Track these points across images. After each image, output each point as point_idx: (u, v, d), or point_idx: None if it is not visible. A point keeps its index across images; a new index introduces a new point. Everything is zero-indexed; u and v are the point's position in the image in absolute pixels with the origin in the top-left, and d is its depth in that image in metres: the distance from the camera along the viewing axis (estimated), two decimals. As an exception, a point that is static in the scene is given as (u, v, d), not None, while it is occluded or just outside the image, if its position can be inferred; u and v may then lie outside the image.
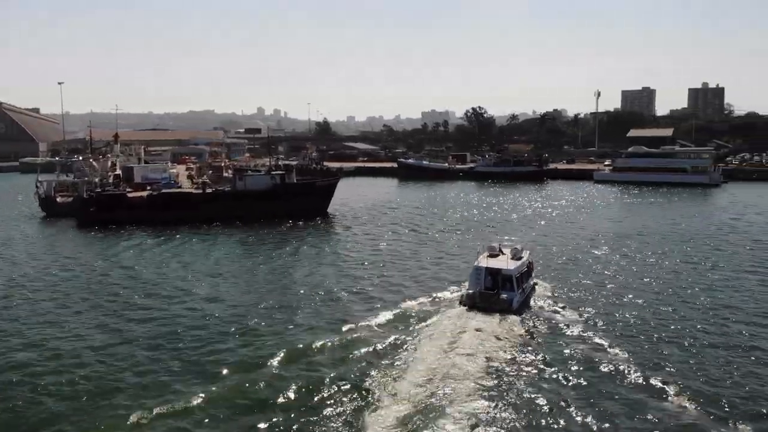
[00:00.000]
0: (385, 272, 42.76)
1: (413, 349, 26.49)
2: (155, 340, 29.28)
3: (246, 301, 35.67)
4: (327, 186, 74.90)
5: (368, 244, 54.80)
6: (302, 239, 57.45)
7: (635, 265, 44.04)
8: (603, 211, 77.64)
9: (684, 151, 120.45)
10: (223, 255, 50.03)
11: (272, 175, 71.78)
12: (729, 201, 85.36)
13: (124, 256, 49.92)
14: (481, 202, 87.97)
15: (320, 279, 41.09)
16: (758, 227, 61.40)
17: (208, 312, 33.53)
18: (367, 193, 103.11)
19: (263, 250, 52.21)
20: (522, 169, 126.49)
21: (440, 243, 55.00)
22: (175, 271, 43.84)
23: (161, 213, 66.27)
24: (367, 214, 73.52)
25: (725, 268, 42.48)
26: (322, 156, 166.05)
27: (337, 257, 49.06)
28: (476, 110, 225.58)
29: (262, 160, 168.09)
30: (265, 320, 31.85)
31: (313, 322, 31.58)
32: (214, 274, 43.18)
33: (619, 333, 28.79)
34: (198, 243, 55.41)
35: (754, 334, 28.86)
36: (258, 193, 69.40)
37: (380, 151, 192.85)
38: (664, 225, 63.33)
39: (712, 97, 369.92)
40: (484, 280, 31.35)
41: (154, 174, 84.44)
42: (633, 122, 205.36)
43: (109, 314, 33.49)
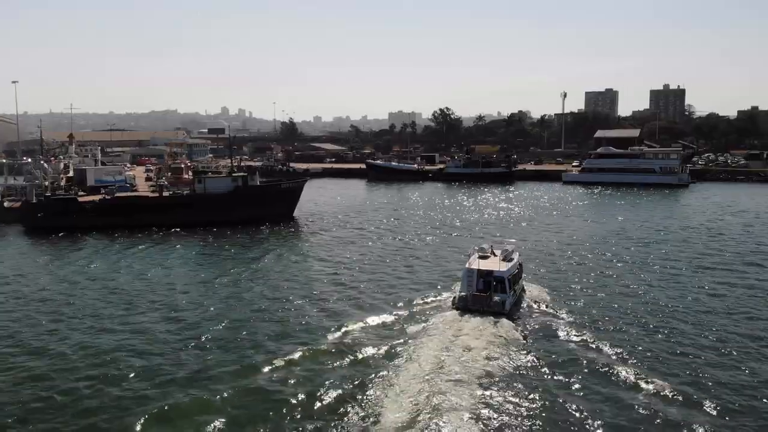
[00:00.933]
0: (362, 278, 40.59)
1: (408, 356, 25.62)
2: (100, 367, 25.84)
3: (207, 318, 32.55)
4: (293, 188, 71.46)
5: (339, 249, 51.92)
6: (267, 246, 54.07)
7: (617, 265, 43.76)
8: (577, 212, 76.45)
9: (652, 151, 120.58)
10: (180, 265, 46.33)
11: (234, 177, 68.05)
12: (702, 201, 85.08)
13: (70, 266, 45.93)
14: (453, 204, 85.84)
15: (291, 289, 38.37)
16: (739, 228, 60.65)
17: (163, 331, 30.41)
18: (336, 195, 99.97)
19: (225, 259, 48.71)
20: (491, 170, 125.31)
21: (416, 247, 52.71)
22: (127, 285, 40.12)
23: (114, 218, 62.07)
24: (336, 218, 70.45)
25: (707, 267, 42.98)
26: (288, 157, 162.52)
27: (306, 265, 46.09)
28: (443, 111, 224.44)
29: (225, 161, 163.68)
30: (232, 339, 29.15)
31: (296, 334, 29.60)
32: (169, 286, 39.68)
33: (609, 332, 28.83)
34: (153, 251, 51.57)
35: (742, 332, 29.28)
36: (219, 197, 65.67)
37: (348, 152, 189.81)
38: (641, 226, 62.42)
39: (674, 98, 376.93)
40: (476, 282, 30.94)
41: (109, 176, 79.85)
42: (598, 123, 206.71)
43: (45, 338, 29.74)
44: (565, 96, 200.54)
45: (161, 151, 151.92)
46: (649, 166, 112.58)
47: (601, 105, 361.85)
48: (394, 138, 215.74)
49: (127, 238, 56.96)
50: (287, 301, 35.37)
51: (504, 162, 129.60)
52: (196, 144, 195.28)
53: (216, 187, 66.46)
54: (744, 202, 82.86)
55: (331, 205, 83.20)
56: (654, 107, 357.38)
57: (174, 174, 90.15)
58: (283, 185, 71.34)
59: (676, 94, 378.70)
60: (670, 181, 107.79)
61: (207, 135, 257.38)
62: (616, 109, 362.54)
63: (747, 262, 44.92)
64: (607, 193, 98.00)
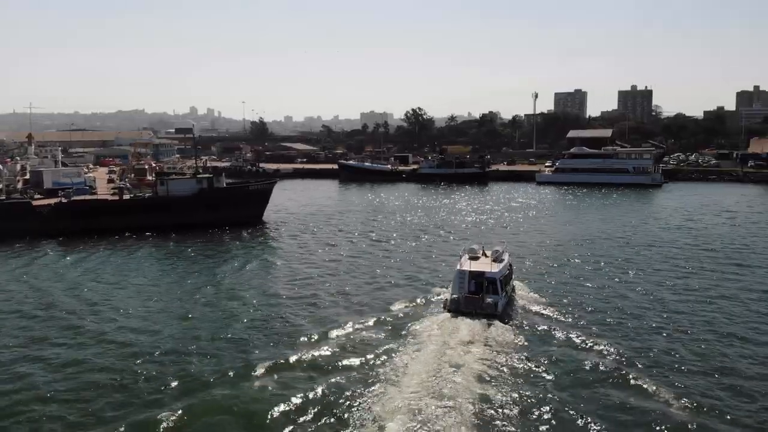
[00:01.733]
0: (343, 284, 38.58)
1: (403, 362, 24.80)
2: (61, 392, 23.00)
3: (175, 334, 29.60)
4: (262, 190, 68.24)
5: (314, 254, 49.24)
6: (235, 251, 51.05)
7: (602, 266, 43.15)
8: (556, 213, 75.14)
9: (626, 151, 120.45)
10: (140, 274, 43.01)
11: (199, 178, 64.72)
12: (678, 202, 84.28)
13: (21, 275, 42.23)
14: (429, 206, 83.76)
15: (265, 297, 35.95)
16: (725, 228, 59.82)
17: (126, 349, 27.50)
18: (307, 196, 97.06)
19: (189, 267, 45.49)
20: (465, 170, 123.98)
21: (396, 250, 50.59)
22: (81, 297, 36.79)
23: (71, 223, 58.28)
24: (309, 220, 67.57)
25: (693, 268, 42.76)
26: (258, 157, 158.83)
27: (279, 271, 43.34)
28: (416, 111, 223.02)
29: (192, 162, 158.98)
30: (205, 352, 26.72)
31: (276, 345, 27.70)
32: (126, 298, 36.44)
33: (602, 332, 28.67)
34: (112, 259, 48.11)
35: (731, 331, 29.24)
36: (182, 199, 62.28)
37: (320, 152, 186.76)
38: (623, 227, 61.29)
39: (641, 99, 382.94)
40: (467, 283, 30.43)
41: (67, 179, 75.64)
42: (568, 124, 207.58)
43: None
44: (537, 96, 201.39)
45: (126, 152, 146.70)
46: (622, 166, 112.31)
47: (570, 106, 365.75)
48: (366, 138, 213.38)
49: (83, 244, 53.30)
50: (262, 311, 32.93)
51: (478, 162, 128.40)
52: (163, 144, 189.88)
53: (179, 189, 63.04)
54: (721, 202, 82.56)
55: (303, 207, 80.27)
56: (622, 108, 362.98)
57: (137, 175, 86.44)
58: (251, 187, 68.04)
59: (644, 95, 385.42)
60: (644, 181, 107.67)
61: (174, 135, 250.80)
62: (585, 109, 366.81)
63: (736, 262, 44.11)
64: (581, 194, 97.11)
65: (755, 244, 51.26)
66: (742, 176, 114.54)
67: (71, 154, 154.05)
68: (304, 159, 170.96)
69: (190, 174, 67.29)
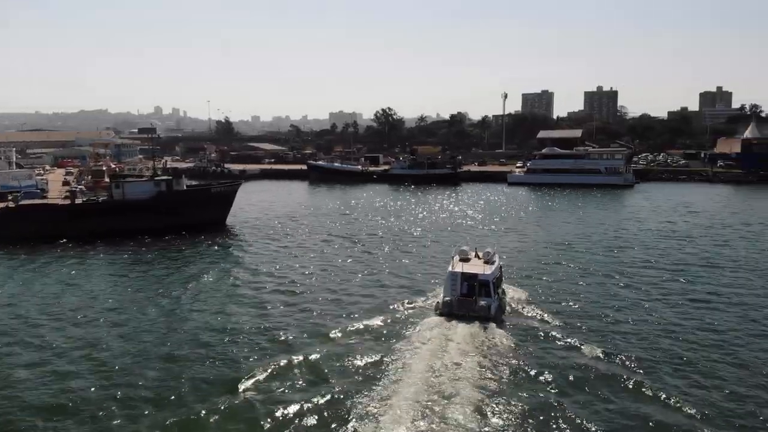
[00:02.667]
0: (319, 292, 36.65)
1: (397, 369, 23.82)
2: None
3: (134, 353, 26.70)
4: (224, 193, 64.36)
5: (285, 260, 46.08)
6: (196, 260, 47.44)
7: (586, 268, 42.47)
8: (532, 215, 73.42)
9: (597, 151, 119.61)
10: (92, 285, 39.17)
11: (157, 180, 60.70)
12: (653, 202, 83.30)
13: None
14: (403, 208, 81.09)
15: (233, 310, 33.21)
16: (702, 230, 58.36)
17: (76, 372, 24.62)
18: (275, 198, 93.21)
19: (145, 276, 41.84)
20: (437, 171, 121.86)
21: (373, 254, 48.25)
22: (28, 309, 33.28)
23: (19, 229, 53.96)
24: (277, 224, 64.04)
25: (678, 268, 42.56)
26: (223, 157, 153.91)
27: (246, 280, 40.12)
28: (386, 111, 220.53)
29: (157, 163, 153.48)
30: (171, 376, 24.13)
31: (254, 359, 25.89)
32: (79, 312, 32.97)
33: (592, 333, 28.60)
34: (62, 268, 44.18)
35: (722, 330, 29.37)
36: (139, 203, 58.31)
37: (288, 152, 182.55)
38: (601, 229, 59.90)
39: (607, 100, 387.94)
40: (459, 286, 29.85)
41: (15, 182, 70.73)
42: (536, 124, 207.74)
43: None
44: (506, 97, 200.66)
45: (86, 152, 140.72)
46: (594, 166, 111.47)
47: (537, 106, 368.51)
48: (335, 138, 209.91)
49: (29, 251, 49.21)
50: (231, 325, 30.24)
51: (449, 163, 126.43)
52: (125, 144, 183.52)
53: (136, 192, 58.98)
54: (696, 203, 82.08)
55: (271, 210, 76.58)
56: (588, 108, 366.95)
57: (94, 177, 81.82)
58: (214, 189, 64.12)
59: (609, 96, 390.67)
60: (616, 182, 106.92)
61: (137, 135, 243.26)
62: (552, 110, 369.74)
63: (717, 264, 43.34)
64: (555, 195, 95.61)
65: (738, 246, 50.40)
66: (712, 176, 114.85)
67: (29, 155, 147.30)
68: (271, 159, 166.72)
69: (148, 176, 63.09)
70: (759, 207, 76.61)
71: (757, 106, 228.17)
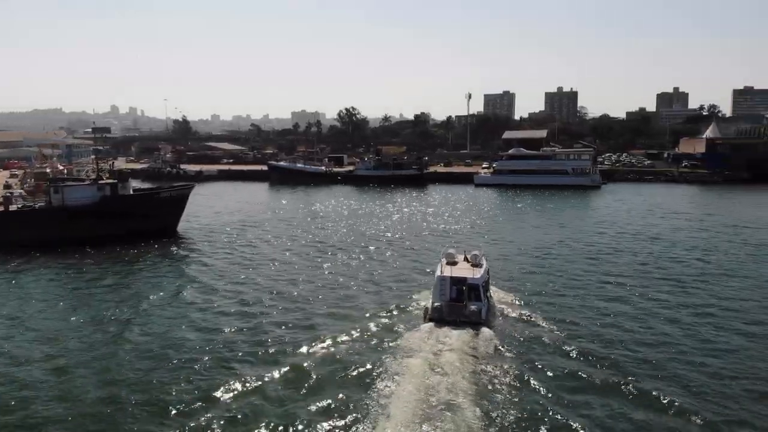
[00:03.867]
0: (288, 302, 33.77)
1: (391, 380, 22.65)
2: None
3: (75, 383, 23.18)
4: (175, 197, 59.17)
5: (245, 271, 41.67)
6: (144, 273, 42.60)
7: (568, 270, 41.22)
8: (504, 217, 70.99)
9: (564, 152, 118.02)
10: (20, 307, 34.14)
11: (100, 184, 55.40)
12: (624, 204, 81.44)
13: None
14: (371, 210, 77.45)
15: (188, 327, 29.70)
16: (682, 234, 56.20)
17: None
18: (233, 201, 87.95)
19: (83, 296, 36.72)
20: (403, 172, 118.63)
21: (344, 262, 44.73)
22: None
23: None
24: (234, 230, 59.33)
25: (660, 269, 41.85)
26: (179, 158, 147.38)
27: (201, 293, 35.79)
28: (349, 110, 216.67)
29: (104, 164, 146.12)
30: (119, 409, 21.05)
31: (231, 376, 23.81)
32: (13, 332, 28.80)
33: (583, 335, 28.08)
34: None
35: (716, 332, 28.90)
36: (80, 209, 52.99)
37: (248, 152, 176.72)
38: (575, 231, 57.90)
39: (567, 100, 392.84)
40: (449, 290, 29.09)
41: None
42: (499, 125, 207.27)
43: None
44: (470, 97, 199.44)
45: (33, 153, 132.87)
46: (561, 167, 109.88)
47: (499, 107, 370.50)
48: (298, 138, 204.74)
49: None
50: (183, 355, 26.20)
51: (416, 164, 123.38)
52: (78, 144, 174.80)
53: (77, 197, 53.57)
54: (667, 203, 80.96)
55: (228, 215, 71.66)
56: (549, 109, 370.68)
57: (37, 180, 75.90)
58: (163, 193, 58.97)
59: (569, 97, 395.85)
60: (583, 183, 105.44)
61: (91, 135, 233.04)
62: (513, 111, 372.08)
63: (705, 266, 42.26)
64: (523, 196, 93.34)
65: (717, 248, 49.00)
66: (678, 176, 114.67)
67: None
68: (230, 159, 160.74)
69: (91, 180, 57.63)
70: (732, 208, 75.66)
71: (715, 107, 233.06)
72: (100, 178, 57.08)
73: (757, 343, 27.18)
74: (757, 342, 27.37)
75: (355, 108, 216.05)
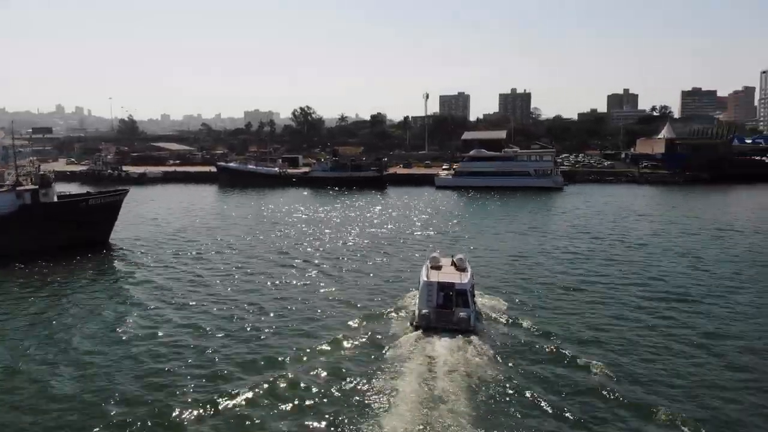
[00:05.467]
0: (244, 319, 30.01)
1: (383, 397, 21.02)
2: None
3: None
4: (106, 204, 52.46)
5: (185, 290, 35.77)
6: (68, 294, 36.10)
7: (551, 275, 39.60)
8: (470, 220, 67.31)
9: (526, 153, 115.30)
10: None
11: (19, 191, 48.40)
12: (591, 206, 78.62)
13: None
14: (328, 215, 72.23)
15: (124, 353, 25.54)
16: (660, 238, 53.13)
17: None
18: (176, 206, 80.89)
19: (2, 327, 30.64)
20: (361, 174, 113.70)
21: (307, 273, 40.03)
22: None
23: None
24: (174, 240, 53.08)
25: (635, 271, 40.81)
26: (122, 159, 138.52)
27: (134, 322, 29.89)
28: (304, 110, 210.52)
29: (51, 165, 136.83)
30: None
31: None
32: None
33: (574, 339, 27.13)
34: None
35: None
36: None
37: (196, 152, 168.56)
38: (544, 234, 54.96)
39: (521, 102, 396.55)
40: (436, 296, 27.84)
41: None
42: (456, 125, 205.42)
43: None
44: (427, 97, 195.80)
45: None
46: (523, 168, 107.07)
47: (454, 108, 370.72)
48: (250, 138, 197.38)
49: None
50: (126, 395, 21.89)
51: (375, 165, 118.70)
52: (16, 145, 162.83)
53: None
54: (633, 205, 79.04)
55: (170, 222, 64.97)
56: (503, 110, 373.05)
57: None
58: (92, 201, 52.12)
59: (523, 98, 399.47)
60: (546, 184, 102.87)
61: (32, 135, 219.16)
62: (468, 112, 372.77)
63: (693, 268, 40.64)
64: (487, 198, 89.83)
65: (703, 246, 47.61)
66: (639, 177, 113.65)
67: None
68: (176, 161, 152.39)
69: (8, 185, 50.40)
70: (700, 208, 74.31)
71: (666, 107, 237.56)
72: (19, 184, 50.08)
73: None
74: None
75: (309, 107, 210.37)
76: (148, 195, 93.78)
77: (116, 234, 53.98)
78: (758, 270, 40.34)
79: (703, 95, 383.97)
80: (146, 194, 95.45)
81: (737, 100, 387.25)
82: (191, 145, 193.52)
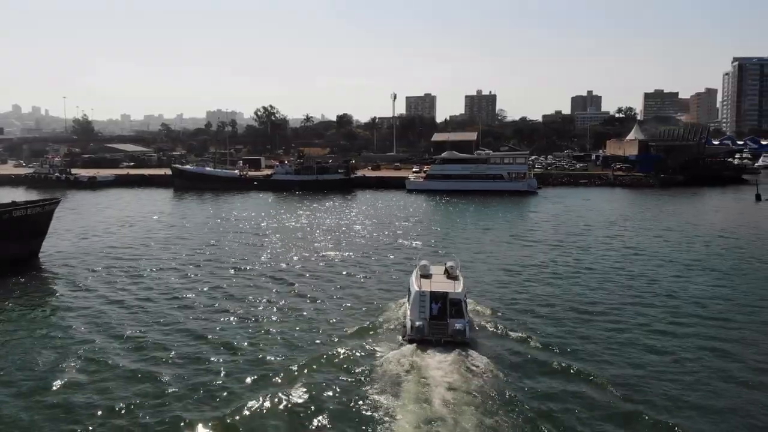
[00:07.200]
0: (215, 359, 24.84)
1: (378, 414, 19.52)
2: None
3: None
4: (35, 216, 45.71)
5: (131, 318, 29.75)
6: None
7: (542, 283, 37.93)
8: (449, 225, 63.42)
9: (500, 155, 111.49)
10: None
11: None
12: (572, 210, 75.04)
13: None
14: (292, 222, 66.70)
15: (61, 387, 20.16)
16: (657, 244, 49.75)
17: None
18: (125, 214, 73.39)
19: None
20: (328, 177, 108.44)
21: (275, 290, 35.47)
22: None
23: None
24: (117, 254, 46.58)
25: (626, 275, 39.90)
26: (71, 161, 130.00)
27: (73, 355, 24.47)
28: (267, 109, 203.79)
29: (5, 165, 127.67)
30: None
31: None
32: None
33: (569, 347, 26.02)
34: None
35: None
36: None
37: (152, 154, 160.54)
38: (530, 241, 50.41)
39: (486, 103, 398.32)
40: (429, 307, 26.25)
41: None
42: (424, 127, 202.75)
43: None
44: (395, 98, 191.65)
45: None
46: (497, 171, 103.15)
47: (421, 109, 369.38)
48: (211, 139, 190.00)
49: None
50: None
51: (342, 167, 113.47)
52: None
53: None
54: (617, 209, 76.26)
55: (113, 232, 58.14)
56: (469, 112, 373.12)
57: None
58: (17, 212, 45.26)
59: (488, 100, 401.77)
60: (520, 188, 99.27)
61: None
62: (435, 113, 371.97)
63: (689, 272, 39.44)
64: (462, 202, 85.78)
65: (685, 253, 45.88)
66: (613, 180, 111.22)
67: None
68: (131, 163, 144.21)
69: None
70: (687, 212, 72.63)
71: (632, 109, 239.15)
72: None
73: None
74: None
75: (273, 107, 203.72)
76: (96, 201, 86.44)
77: (54, 248, 47.49)
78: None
79: (666, 97, 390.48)
80: (94, 200, 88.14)
81: (699, 101, 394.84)
82: (149, 147, 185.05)
